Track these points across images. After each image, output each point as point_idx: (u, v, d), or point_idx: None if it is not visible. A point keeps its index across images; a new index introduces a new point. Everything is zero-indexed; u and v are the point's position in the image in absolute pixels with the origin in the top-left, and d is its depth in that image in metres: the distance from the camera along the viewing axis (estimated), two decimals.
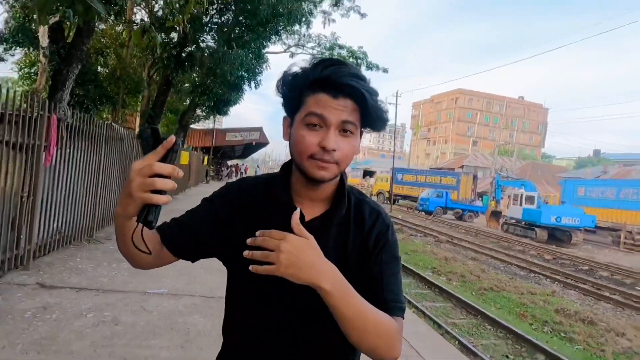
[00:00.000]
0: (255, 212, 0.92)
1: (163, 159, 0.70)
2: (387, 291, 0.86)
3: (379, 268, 0.88)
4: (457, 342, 5.57)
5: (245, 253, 0.77)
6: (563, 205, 21.23)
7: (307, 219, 0.88)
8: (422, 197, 28.50)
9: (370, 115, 0.83)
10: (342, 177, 0.91)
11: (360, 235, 0.90)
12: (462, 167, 45.71)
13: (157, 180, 0.68)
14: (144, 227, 0.74)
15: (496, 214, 23.60)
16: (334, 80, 0.80)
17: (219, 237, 0.92)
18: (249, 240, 0.79)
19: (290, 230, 0.81)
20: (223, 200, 0.96)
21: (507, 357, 5.50)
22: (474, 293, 8.76)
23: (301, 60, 0.88)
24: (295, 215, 0.78)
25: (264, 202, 0.93)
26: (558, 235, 18.88)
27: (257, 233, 0.78)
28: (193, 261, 0.96)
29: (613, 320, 7.40)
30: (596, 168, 40.75)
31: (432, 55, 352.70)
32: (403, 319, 0.87)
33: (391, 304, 0.84)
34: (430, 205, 27.34)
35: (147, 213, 0.71)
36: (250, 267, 0.76)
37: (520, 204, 20.27)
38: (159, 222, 0.82)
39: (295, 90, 0.85)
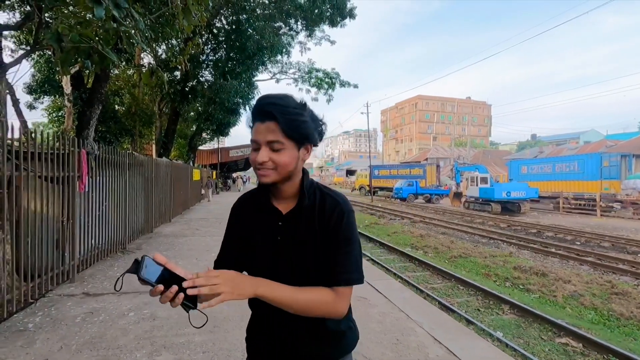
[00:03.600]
0: (249, 216, 1.04)
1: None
2: (336, 266, 0.93)
3: (332, 247, 0.94)
4: (437, 303, 5.63)
5: (189, 291, 0.78)
6: (511, 182, 21.51)
7: (284, 212, 0.99)
8: (396, 187, 28.67)
9: (288, 130, 0.90)
10: (303, 178, 1.00)
11: (323, 222, 0.96)
12: (426, 159, 46.07)
13: (161, 299, 0.80)
14: (189, 307, 0.82)
15: (458, 195, 23.81)
16: (258, 109, 0.91)
17: (241, 244, 1.04)
18: (186, 283, 0.79)
19: (270, 223, 0.98)
20: (231, 220, 1.10)
21: (479, 310, 5.56)
22: (446, 261, 8.83)
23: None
24: (202, 273, 0.82)
25: (253, 207, 1.05)
26: (509, 207, 19.14)
27: (184, 284, 0.79)
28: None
29: (560, 271, 7.52)
30: (534, 149, 41.43)
31: (393, 69, 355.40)
32: (351, 284, 0.94)
33: (337, 276, 0.93)
34: (403, 193, 27.51)
35: (183, 307, 0.81)
36: (203, 305, 0.81)
37: (477, 185, 20.50)
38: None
39: (250, 126, 0.95)
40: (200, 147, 27.85)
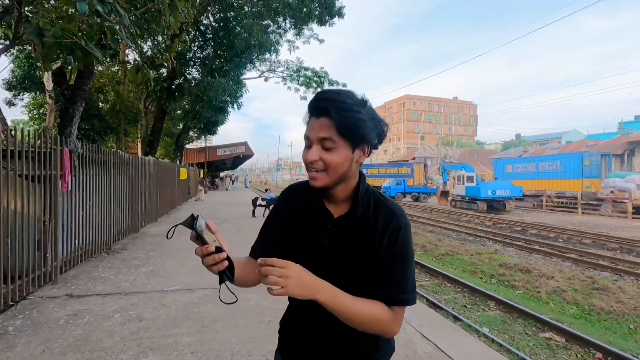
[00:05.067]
0: (297, 210, 0.99)
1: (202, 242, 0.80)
2: (393, 285, 0.89)
3: (387, 263, 0.89)
4: (425, 300, 5.69)
5: (263, 270, 0.78)
6: (496, 181, 21.90)
7: (335, 216, 0.94)
8: (384, 186, 28.84)
9: (342, 128, 0.83)
10: (360, 181, 0.95)
11: (375, 233, 0.90)
12: (414, 158, 46.53)
13: (206, 260, 0.80)
14: (227, 278, 0.84)
15: (445, 194, 24.15)
16: (313, 104, 0.86)
17: (281, 237, 1.00)
18: (260, 261, 0.80)
19: (319, 225, 0.94)
20: (276, 211, 1.05)
21: (465, 306, 5.65)
22: (434, 259, 8.93)
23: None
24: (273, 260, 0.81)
25: (303, 202, 0.99)
26: (495, 205, 19.47)
27: (259, 261, 0.79)
28: None
29: (544, 267, 7.69)
30: (518, 148, 42.24)
31: (383, 69, 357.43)
32: (407, 305, 0.90)
33: (395, 296, 0.88)
34: (391, 192, 27.69)
35: (220, 277, 0.83)
36: (267, 290, 0.79)
37: (463, 183, 20.82)
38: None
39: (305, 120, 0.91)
40: (188, 146, 27.47)
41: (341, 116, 0.82)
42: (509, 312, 5.30)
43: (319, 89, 16.60)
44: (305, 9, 12.85)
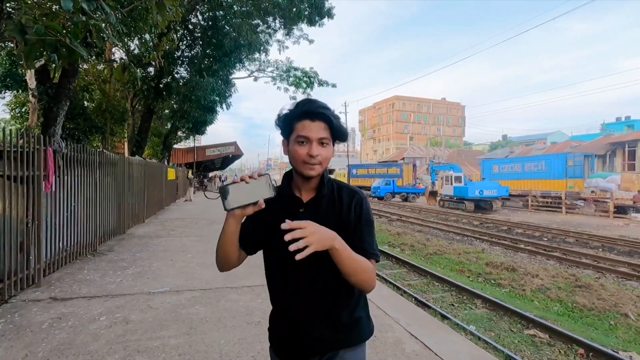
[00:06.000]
0: (273, 206, 1.09)
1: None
2: (365, 243, 1.09)
3: (359, 229, 1.10)
4: (413, 299, 5.75)
5: (291, 247, 0.91)
6: (484, 181, 22.24)
7: (304, 201, 1.13)
8: (374, 186, 29.02)
9: (336, 131, 1.09)
10: (324, 173, 1.14)
11: (342, 209, 1.12)
12: (403, 158, 46.87)
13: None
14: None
15: (433, 194, 24.40)
16: (312, 111, 1.06)
17: (260, 230, 1.14)
18: (284, 225, 0.93)
19: (291, 210, 1.10)
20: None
21: (453, 305, 5.72)
22: (422, 258, 9.03)
23: (286, 104, 1.13)
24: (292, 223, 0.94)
25: (277, 199, 1.09)
26: (482, 205, 19.79)
27: (284, 225, 0.93)
28: (254, 254, 1.21)
29: (529, 266, 7.85)
30: (505, 149, 42.96)
31: (372, 70, 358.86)
32: (377, 262, 1.11)
33: (368, 252, 1.08)
34: (381, 192, 27.89)
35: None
36: (296, 257, 0.91)
37: (451, 183, 21.07)
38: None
39: (287, 122, 1.10)
40: (176, 146, 27.14)
41: (335, 121, 1.07)
42: (495, 310, 5.40)
43: (308, 89, 16.75)
44: (294, 9, 12.82)
